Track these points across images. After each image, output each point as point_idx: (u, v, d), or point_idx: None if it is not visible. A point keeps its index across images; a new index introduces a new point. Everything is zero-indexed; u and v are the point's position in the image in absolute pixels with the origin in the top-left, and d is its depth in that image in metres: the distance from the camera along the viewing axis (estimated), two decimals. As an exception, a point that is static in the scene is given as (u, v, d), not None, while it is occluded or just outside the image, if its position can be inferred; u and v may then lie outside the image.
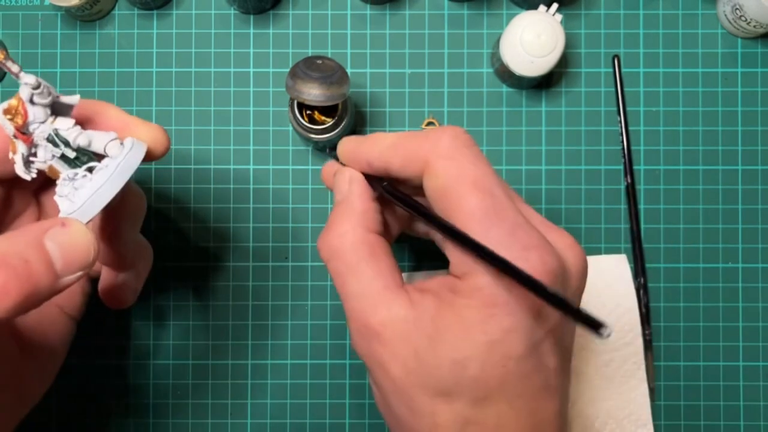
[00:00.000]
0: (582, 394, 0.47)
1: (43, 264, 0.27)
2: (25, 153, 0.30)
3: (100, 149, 0.31)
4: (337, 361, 0.49)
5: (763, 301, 0.49)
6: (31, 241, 0.27)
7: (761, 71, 0.49)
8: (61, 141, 0.30)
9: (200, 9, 0.49)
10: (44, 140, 0.30)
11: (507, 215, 0.28)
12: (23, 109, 0.29)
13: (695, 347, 0.49)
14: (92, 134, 0.31)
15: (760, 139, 0.49)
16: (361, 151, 0.33)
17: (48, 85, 0.29)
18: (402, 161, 0.31)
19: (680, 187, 0.49)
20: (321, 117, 0.44)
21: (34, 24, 0.49)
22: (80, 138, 0.30)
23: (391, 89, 0.49)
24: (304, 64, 0.41)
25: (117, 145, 0.31)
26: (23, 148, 0.30)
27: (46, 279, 0.27)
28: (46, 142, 0.30)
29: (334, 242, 0.31)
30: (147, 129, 0.33)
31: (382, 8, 0.49)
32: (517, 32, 0.45)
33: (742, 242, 0.49)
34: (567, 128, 0.49)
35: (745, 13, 0.47)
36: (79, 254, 0.28)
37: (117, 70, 0.49)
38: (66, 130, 0.30)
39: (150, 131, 0.33)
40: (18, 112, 0.29)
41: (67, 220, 0.28)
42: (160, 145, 0.33)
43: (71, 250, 0.28)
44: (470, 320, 0.27)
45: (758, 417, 0.48)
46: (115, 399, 0.48)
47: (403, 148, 0.31)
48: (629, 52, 0.49)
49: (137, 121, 0.33)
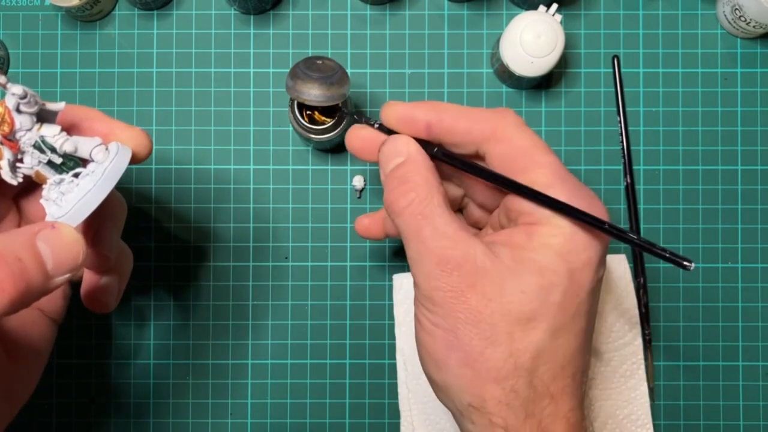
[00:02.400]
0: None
1: (35, 263, 0.27)
2: (12, 159, 0.30)
3: (86, 155, 0.31)
4: (337, 361, 0.49)
5: (762, 301, 0.49)
6: (24, 241, 0.28)
7: (761, 71, 0.49)
8: (48, 147, 0.30)
9: (200, 9, 0.49)
10: (31, 147, 0.30)
11: (569, 174, 0.32)
12: (10, 118, 0.29)
13: (695, 347, 0.49)
14: (78, 140, 0.31)
15: (759, 139, 0.49)
16: (417, 114, 0.34)
17: (34, 94, 0.30)
18: (468, 126, 0.33)
19: (680, 187, 0.49)
20: (321, 117, 0.44)
21: (35, 24, 0.49)
22: (66, 144, 0.30)
23: (391, 89, 0.49)
24: (304, 64, 0.41)
25: (102, 151, 0.31)
26: (9, 154, 0.30)
27: (39, 278, 0.28)
28: (32, 149, 0.30)
29: (410, 194, 0.32)
30: (131, 133, 0.33)
31: (382, 8, 0.50)
32: (516, 32, 0.45)
33: (741, 242, 0.49)
34: (567, 128, 0.49)
35: (745, 14, 0.47)
36: (69, 256, 0.29)
37: (117, 71, 0.49)
38: (52, 137, 0.30)
39: (134, 135, 0.33)
40: (4, 121, 0.29)
41: (56, 223, 0.29)
42: (143, 148, 0.34)
43: (61, 251, 0.28)
44: (555, 249, 0.30)
45: (757, 417, 0.48)
46: (120, 398, 0.48)
47: (471, 116, 0.33)
48: (629, 52, 0.49)
49: (121, 126, 0.34)
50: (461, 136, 0.33)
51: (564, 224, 0.31)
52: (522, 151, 0.32)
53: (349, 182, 0.49)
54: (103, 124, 0.33)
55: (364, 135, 0.36)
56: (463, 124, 0.33)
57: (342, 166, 0.49)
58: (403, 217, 0.32)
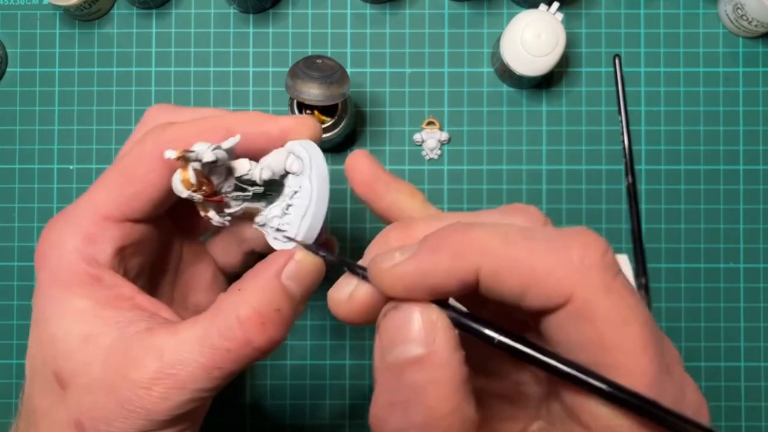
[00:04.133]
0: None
1: (290, 306, 0.27)
2: (217, 210, 0.29)
3: (281, 171, 0.29)
4: (336, 362, 0.48)
5: (764, 302, 0.49)
6: (275, 287, 0.27)
7: (762, 71, 0.49)
8: (248, 184, 0.29)
9: (199, 8, 0.49)
10: (233, 193, 0.28)
11: (675, 368, 0.22)
12: (207, 179, 0.27)
13: (696, 348, 0.48)
14: (268, 162, 0.29)
15: (761, 139, 0.49)
16: (438, 269, 0.20)
17: (217, 148, 0.27)
18: (522, 288, 0.20)
19: (681, 187, 0.49)
20: (321, 117, 0.44)
21: (33, 23, 0.49)
22: (264, 173, 0.28)
23: (391, 89, 0.49)
24: (303, 63, 0.41)
25: (296, 161, 0.29)
26: (215, 207, 0.28)
27: (294, 317, 0.27)
28: (235, 194, 0.29)
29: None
30: (296, 124, 0.29)
31: (382, 7, 0.49)
32: (517, 31, 0.44)
33: (743, 242, 0.49)
34: (567, 128, 0.49)
35: (747, 13, 0.46)
36: (314, 282, 0.28)
37: (116, 70, 0.49)
38: (247, 173, 0.28)
39: (302, 124, 0.29)
40: (201, 186, 0.27)
41: (295, 252, 0.27)
42: (317, 132, 0.30)
43: (307, 280, 0.27)
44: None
45: (759, 418, 0.48)
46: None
47: (525, 268, 0.20)
48: (630, 51, 0.49)
49: (285, 120, 0.29)
50: (512, 302, 0.21)
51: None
52: (606, 339, 0.20)
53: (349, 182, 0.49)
54: (266, 124, 0.29)
55: (345, 288, 0.23)
56: (515, 288, 0.20)
57: (342, 165, 0.49)
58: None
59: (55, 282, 0.27)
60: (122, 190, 0.28)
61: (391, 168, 0.49)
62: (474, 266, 0.20)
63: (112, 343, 0.26)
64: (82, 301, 0.27)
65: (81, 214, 0.28)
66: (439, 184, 0.49)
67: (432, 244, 0.21)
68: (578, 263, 0.20)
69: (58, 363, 0.26)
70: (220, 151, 0.27)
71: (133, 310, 0.27)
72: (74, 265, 0.27)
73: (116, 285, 0.27)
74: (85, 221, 0.28)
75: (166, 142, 0.27)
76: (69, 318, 0.26)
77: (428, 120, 0.49)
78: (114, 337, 0.26)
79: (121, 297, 0.27)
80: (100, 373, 0.26)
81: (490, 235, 0.20)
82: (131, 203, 0.28)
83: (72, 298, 0.27)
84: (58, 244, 0.27)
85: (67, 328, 0.26)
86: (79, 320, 0.26)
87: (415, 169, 0.49)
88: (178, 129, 0.28)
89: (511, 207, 0.23)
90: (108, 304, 0.27)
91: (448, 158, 0.49)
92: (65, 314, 0.27)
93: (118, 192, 0.28)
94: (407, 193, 0.27)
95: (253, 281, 0.27)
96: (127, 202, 0.28)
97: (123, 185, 0.28)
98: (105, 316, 0.26)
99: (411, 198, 0.26)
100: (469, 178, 0.49)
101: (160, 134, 0.28)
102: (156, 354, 0.25)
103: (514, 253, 0.20)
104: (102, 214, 0.28)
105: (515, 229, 0.21)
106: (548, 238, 0.20)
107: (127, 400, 0.25)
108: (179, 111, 0.30)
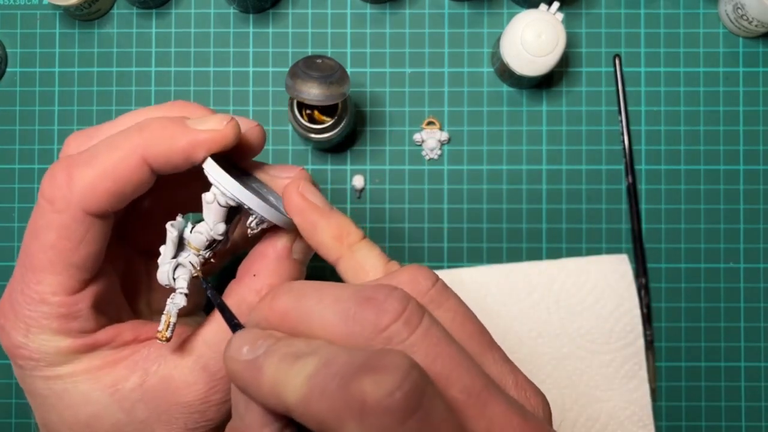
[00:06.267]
0: (583, 394, 0.46)
1: (302, 272, 0.32)
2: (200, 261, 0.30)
3: (222, 215, 0.29)
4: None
5: (764, 302, 0.48)
6: (290, 265, 0.31)
7: (763, 71, 0.49)
8: (210, 243, 0.29)
9: (199, 8, 0.49)
10: (209, 250, 0.30)
11: None
12: (198, 273, 0.29)
13: (696, 348, 0.48)
14: (211, 221, 0.29)
15: (761, 139, 0.49)
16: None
17: (194, 262, 0.29)
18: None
19: (681, 187, 0.49)
20: (321, 116, 0.44)
21: (33, 23, 0.49)
22: (218, 228, 0.29)
23: (391, 89, 0.49)
24: (303, 63, 0.40)
25: (218, 194, 0.29)
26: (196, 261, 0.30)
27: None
28: (202, 252, 0.29)
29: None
30: (206, 138, 0.28)
31: (382, 7, 0.49)
32: (517, 31, 0.44)
33: (743, 242, 0.49)
34: (568, 128, 0.49)
35: (747, 12, 0.46)
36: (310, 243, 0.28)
37: (116, 70, 0.49)
38: (206, 238, 0.29)
39: (208, 140, 0.28)
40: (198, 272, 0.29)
41: (292, 234, 0.31)
42: (228, 134, 0.28)
43: (309, 248, 0.31)
44: None
45: (759, 418, 0.48)
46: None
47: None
48: (630, 51, 0.49)
49: (195, 134, 0.28)
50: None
51: None
52: None
53: (349, 182, 0.49)
54: (176, 139, 0.27)
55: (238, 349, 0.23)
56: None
57: (342, 165, 0.49)
58: None
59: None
60: (66, 260, 0.27)
61: (391, 168, 0.49)
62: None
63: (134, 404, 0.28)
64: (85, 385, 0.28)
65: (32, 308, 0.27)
66: (439, 184, 0.49)
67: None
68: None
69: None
70: (185, 278, 0.29)
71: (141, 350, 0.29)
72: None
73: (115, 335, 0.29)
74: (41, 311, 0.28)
75: (78, 203, 0.27)
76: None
77: (428, 120, 0.49)
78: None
79: (121, 341, 0.29)
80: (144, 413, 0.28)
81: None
82: (79, 273, 0.28)
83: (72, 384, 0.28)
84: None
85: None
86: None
87: (415, 169, 0.49)
88: (87, 184, 0.27)
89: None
90: (106, 365, 0.29)
91: (448, 158, 0.49)
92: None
93: (62, 267, 0.27)
94: (333, 236, 0.27)
95: (265, 266, 0.30)
96: (74, 272, 0.28)
97: (66, 253, 0.27)
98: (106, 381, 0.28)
99: (336, 242, 0.27)
100: (469, 178, 0.49)
101: (70, 198, 0.27)
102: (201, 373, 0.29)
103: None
104: (53, 299, 0.28)
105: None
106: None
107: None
108: (94, 134, 0.29)
